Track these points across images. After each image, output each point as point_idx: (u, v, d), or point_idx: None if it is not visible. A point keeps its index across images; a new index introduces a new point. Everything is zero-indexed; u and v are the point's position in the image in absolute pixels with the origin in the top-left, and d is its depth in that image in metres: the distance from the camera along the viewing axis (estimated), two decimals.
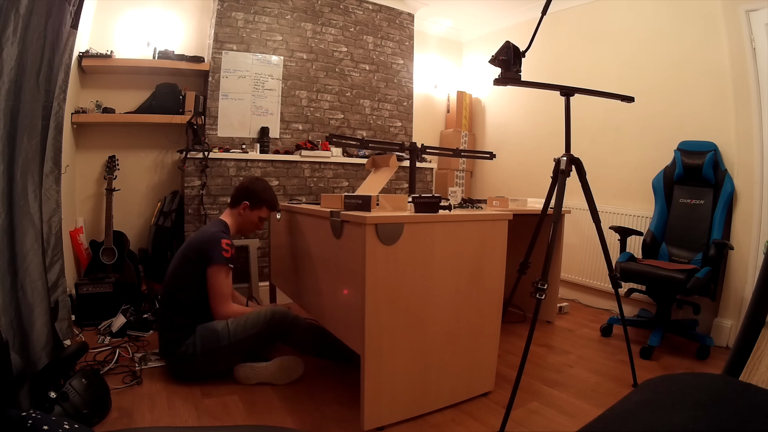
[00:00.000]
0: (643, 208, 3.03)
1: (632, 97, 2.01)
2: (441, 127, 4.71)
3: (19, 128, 1.51)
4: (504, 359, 2.19)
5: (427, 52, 4.54)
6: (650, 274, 2.42)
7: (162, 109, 3.18)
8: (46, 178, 1.67)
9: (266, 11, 3.41)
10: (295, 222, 2.30)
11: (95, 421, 1.55)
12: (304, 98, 3.61)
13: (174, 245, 3.12)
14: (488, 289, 1.84)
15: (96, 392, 1.58)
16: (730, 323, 2.56)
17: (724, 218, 2.53)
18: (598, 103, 2.42)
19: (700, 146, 2.69)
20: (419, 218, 1.63)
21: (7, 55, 1.43)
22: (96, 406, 1.57)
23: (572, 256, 3.33)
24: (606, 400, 1.86)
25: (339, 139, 2.87)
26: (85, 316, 2.54)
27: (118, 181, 2.95)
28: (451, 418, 1.70)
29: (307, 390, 1.91)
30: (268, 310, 1.99)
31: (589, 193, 1.92)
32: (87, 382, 1.57)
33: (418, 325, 1.66)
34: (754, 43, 2.47)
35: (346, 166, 3.62)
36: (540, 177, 3.20)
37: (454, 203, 2.19)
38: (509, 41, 1.64)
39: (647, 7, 3.07)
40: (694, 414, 0.34)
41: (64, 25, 1.65)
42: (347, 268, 1.68)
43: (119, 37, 3.16)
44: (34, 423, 0.95)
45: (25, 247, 1.52)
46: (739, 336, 0.68)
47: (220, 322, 1.95)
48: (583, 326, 2.89)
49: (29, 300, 1.52)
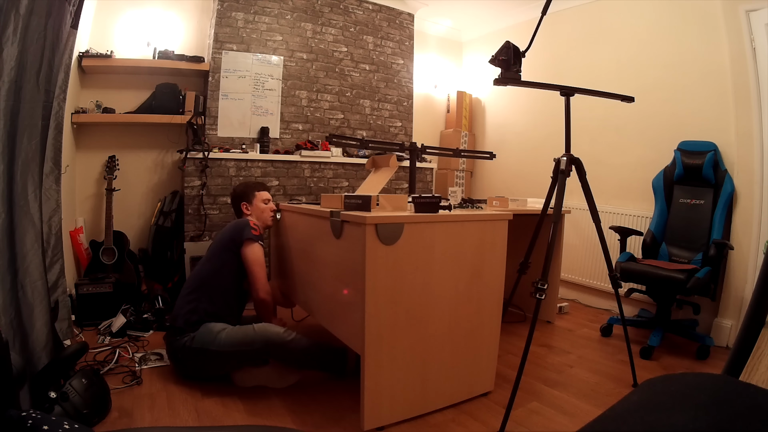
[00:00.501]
0: (643, 208, 3.03)
1: (632, 97, 2.01)
2: (441, 127, 4.71)
3: (19, 128, 1.51)
4: (504, 359, 2.19)
5: (427, 52, 4.54)
6: (650, 274, 2.42)
7: (162, 109, 3.18)
8: (46, 178, 1.67)
9: (266, 11, 3.41)
10: (295, 222, 2.30)
11: (95, 421, 1.55)
12: (304, 98, 3.61)
13: (174, 245, 3.12)
14: (488, 289, 1.84)
15: (96, 392, 1.58)
16: (730, 323, 2.56)
17: (724, 218, 2.53)
18: (598, 103, 2.42)
19: (700, 146, 2.69)
20: (419, 218, 1.63)
21: (7, 55, 1.43)
22: (96, 406, 1.57)
23: (572, 256, 3.33)
24: (606, 400, 1.86)
25: (339, 139, 2.87)
26: (85, 316, 2.54)
27: (118, 181, 2.95)
28: (451, 418, 1.70)
29: (307, 390, 1.91)
30: (262, 340, 1.90)
31: (589, 193, 1.92)
32: (87, 382, 1.57)
33: (418, 325, 1.66)
34: (754, 43, 2.47)
35: (346, 166, 3.63)
36: (540, 177, 3.20)
37: (454, 203, 2.19)
38: (509, 41, 1.64)
39: (647, 7, 3.07)
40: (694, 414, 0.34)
41: (64, 25, 1.65)
42: (347, 268, 1.68)
43: (119, 37, 3.16)
44: (34, 423, 0.95)
45: (25, 247, 1.52)
46: (739, 336, 0.68)
47: (218, 325, 1.94)
48: (583, 326, 2.89)
49: (29, 300, 1.52)
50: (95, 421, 1.55)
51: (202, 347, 1.88)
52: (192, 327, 1.93)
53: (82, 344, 1.66)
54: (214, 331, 1.92)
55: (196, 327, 1.93)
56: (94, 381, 1.60)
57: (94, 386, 1.58)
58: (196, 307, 1.97)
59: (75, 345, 1.64)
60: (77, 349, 1.62)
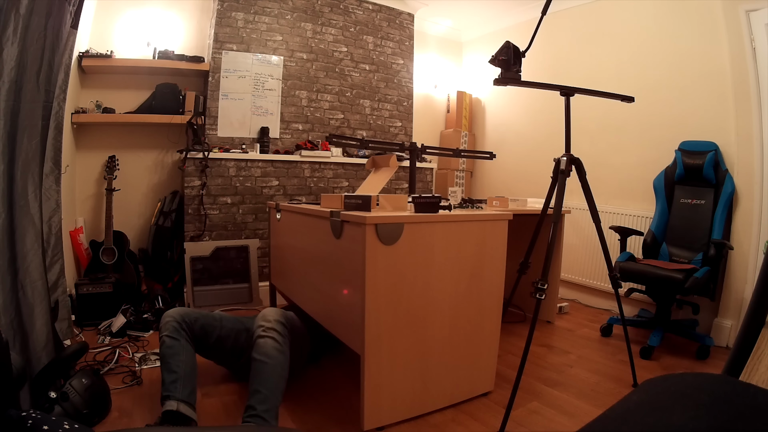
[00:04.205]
0: (643, 208, 3.03)
1: (632, 97, 2.01)
2: (441, 127, 4.71)
3: (19, 128, 1.51)
4: (504, 359, 2.19)
5: (427, 52, 4.54)
6: (649, 274, 2.42)
7: (162, 109, 3.18)
8: (46, 178, 1.67)
9: (266, 11, 3.41)
10: (295, 222, 2.30)
11: (95, 421, 1.55)
12: (304, 98, 3.61)
13: (174, 245, 3.12)
14: (488, 289, 1.84)
15: (96, 392, 1.58)
16: (730, 323, 2.56)
17: (724, 218, 2.53)
18: (598, 103, 2.42)
19: (700, 146, 2.69)
20: (419, 218, 1.63)
21: (7, 55, 1.43)
22: (96, 406, 1.57)
23: (572, 256, 3.33)
24: (606, 400, 1.86)
25: (339, 139, 2.87)
26: (85, 316, 2.54)
27: (118, 181, 2.95)
28: (451, 418, 1.70)
29: (307, 390, 1.91)
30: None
31: (589, 193, 1.92)
32: (87, 382, 1.56)
33: (418, 325, 1.66)
34: (754, 43, 2.47)
35: (346, 166, 3.63)
36: (540, 177, 3.20)
37: (454, 203, 2.19)
38: (509, 41, 1.64)
39: (647, 7, 3.07)
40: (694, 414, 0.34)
41: (64, 25, 1.65)
42: (347, 268, 1.68)
43: (119, 37, 3.16)
44: (34, 423, 0.95)
45: (25, 247, 1.52)
46: (739, 336, 0.68)
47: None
48: (583, 326, 2.89)
49: (29, 300, 1.51)
50: (95, 421, 1.55)
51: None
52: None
53: (82, 344, 1.66)
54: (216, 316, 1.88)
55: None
56: (94, 381, 1.60)
57: (94, 386, 1.58)
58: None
59: (75, 345, 1.64)
60: (77, 349, 1.62)
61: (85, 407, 1.50)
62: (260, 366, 1.50)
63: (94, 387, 1.59)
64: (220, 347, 1.82)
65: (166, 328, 1.64)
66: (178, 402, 1.47)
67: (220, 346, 1.82)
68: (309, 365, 2.08)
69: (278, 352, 1.54)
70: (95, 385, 1.60)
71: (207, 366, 1.95)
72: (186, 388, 1.52)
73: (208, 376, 1.99)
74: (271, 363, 1.51)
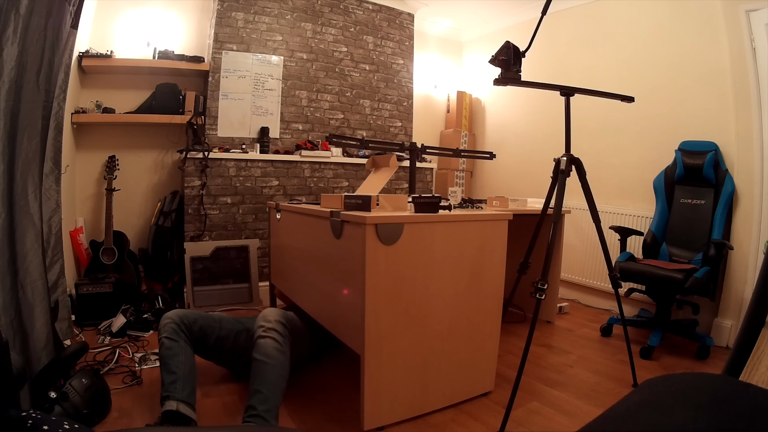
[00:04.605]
0: (643, 208, 3.03)
1: (632, 97, 2.01)
2: (441, 127, 4.71)
3: (19, 128, 1.51)
4: (504, 359, 2.19)
5: (427, 52, 4.54)
6: (648, 274, 2.42)
7: (162, 109, 3.18)
8: (46, 178, 1.67)
9: (266, 11, 3.41)
10: (295, 222, 2.30)
11: (95, 421, 1.55)
12: (304, 98, 3.61)
13: (174, 245, 3.12)
14: (488, 289, 1.84)
15: (96, 392, 1.58)
16: (730, 323, 2.56)
17: (724, 218, 2.53)
18: (598, 103, 2.42)
19: (700, 146, 2.69)
20: (419, 218, 1.63)
21: (7, 55, 1.43)
22: (96, 406, 1.57)
23: (572, 256, 3.33)
24: (606, 400, 1.86)
25: (339, 139, 2.87)
26: (85, 316, 2.54)
27: (118, 181, 2.95)
28: (451, 418, 1.70)
29: (307, 390, 1.91)
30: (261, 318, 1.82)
31: (589, 193, 1.92)
32: (87, 382, 1.56)
33: (418, 325, 1.66)
34: (754, 43, 2.47)
35: (346, 166, 3.63)
36: (540, 177, 3.21)
37: (454, 203, 2.19)
38: (509, 41, 1.64)
39: (647, 7, 3.07)
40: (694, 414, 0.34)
41: (64, 25, 1.65)
42: (347, 268, 1.68)
43: (119, 37, 3.16)
44: (34, 423, 0.95)
45: (25, 247, 1.52)
46: (739, 336, 0.68)
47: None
48: (583, 326, 2.89)
49: (29, 300, 1.52)
50: (95, 421, 1.55)
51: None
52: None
53: (82, 344, 1.66)
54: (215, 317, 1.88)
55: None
56: (94, 381, 1.60)
57: (94, 386, 1.58)
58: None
59: (75, 345, 1.64)
60: (77, 349, 1.62)
61: (85, 407, 1.50)
62: (261, 366, 1.50)
63: (94, 387, 1.59)
64: (219, 348, 1.82)
65: (165, 329, 1.65)
66: (177, 402, 1.47)
67: (220, 347, 1.82)
68: (310, 364, 2.09)
69: (279, 352, 1.55)
70: (95, 385, 1.60)
71: (207, 366, 1.95)
72: (186, 389, 1.52)
73: (208, 376, 1.99)
74: (272, 363, 1.51)
